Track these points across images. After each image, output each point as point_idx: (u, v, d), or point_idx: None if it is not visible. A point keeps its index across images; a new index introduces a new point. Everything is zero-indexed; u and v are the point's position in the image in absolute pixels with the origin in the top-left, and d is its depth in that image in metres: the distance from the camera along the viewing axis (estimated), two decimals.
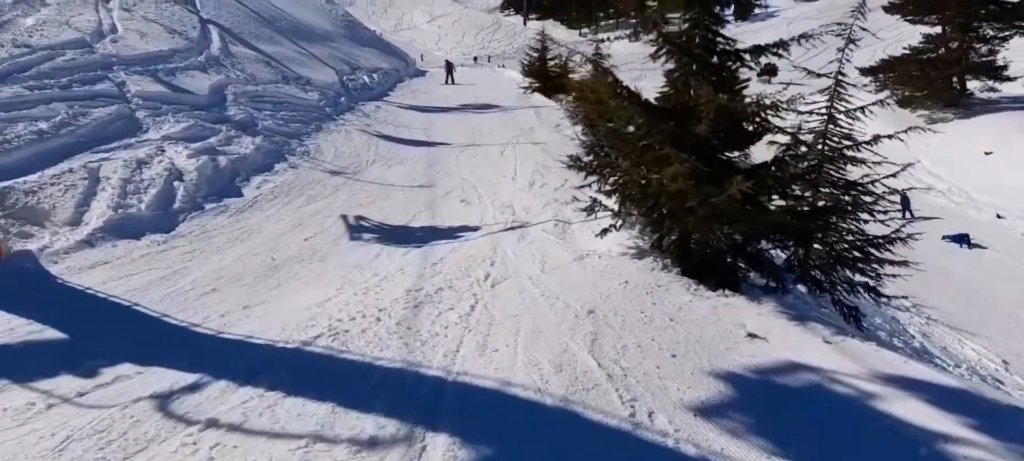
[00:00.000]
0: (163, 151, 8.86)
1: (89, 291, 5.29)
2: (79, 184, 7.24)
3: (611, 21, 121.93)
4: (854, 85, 7.29)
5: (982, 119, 36.15)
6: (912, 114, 41.47)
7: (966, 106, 37.88)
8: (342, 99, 18.19)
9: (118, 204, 7.01)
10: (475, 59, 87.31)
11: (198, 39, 15.84)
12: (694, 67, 5.91)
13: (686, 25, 5.99)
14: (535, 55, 25.99)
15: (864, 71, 43.62)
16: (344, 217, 8.16)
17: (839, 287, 6.37)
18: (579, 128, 14.43)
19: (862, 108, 6.50)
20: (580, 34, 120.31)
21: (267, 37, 20.76)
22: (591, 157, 7.07)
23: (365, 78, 24.41)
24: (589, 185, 7.14)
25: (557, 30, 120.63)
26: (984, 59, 37.09)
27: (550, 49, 25.95)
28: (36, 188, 6.89)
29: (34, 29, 11.56)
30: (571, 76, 20.14)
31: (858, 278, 6.46)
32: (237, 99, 13.00)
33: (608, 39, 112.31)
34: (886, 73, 40.79)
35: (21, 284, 5.33)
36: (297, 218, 7.93)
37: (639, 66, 27.98)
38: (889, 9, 44.14)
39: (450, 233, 7.62)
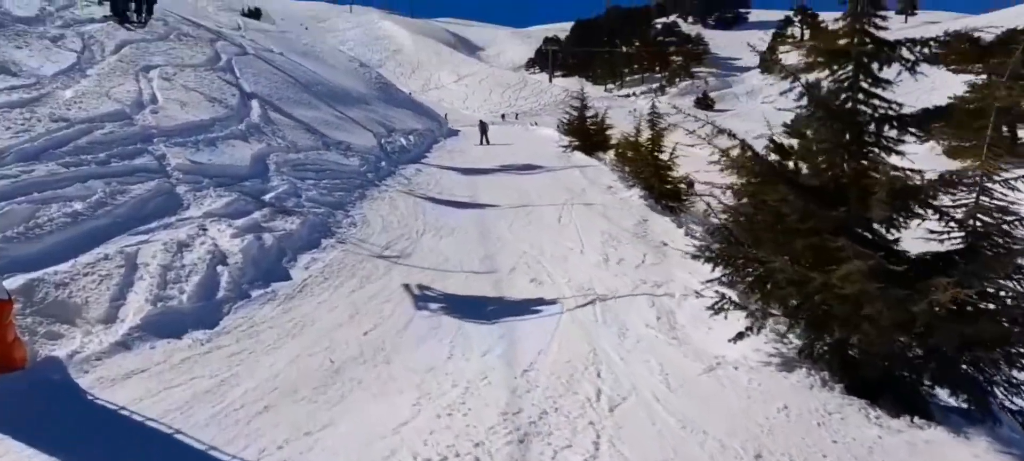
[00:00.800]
0: (205, 230, 8.17)
1: (124, 411, 4.49)
2: (115, 273, 6.53)
3: (636, 76, 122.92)
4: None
5: None
6: (960, 165, 40.22)
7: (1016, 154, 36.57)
8: (383, 163, 17.63)
9: (157, 296, 6.27)
10: (503, 116, 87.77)
11: (238, 107, 15.43)
12: (847, 137, 5.03)
13: (832, 82, 5.14)
14: (573, 113, 25.35)
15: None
16: (407, 286, 7.43)
17: None
18: (636, 191, 13.60)
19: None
20: (606, 90, 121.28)
21: (305, 102, 20.41)
22: (718, 244, 6.04)
23: (402, 140, 23.97)
24: (718, 279, 6.09)
25: (583, 87, 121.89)
26: None
27: (589, 106, 25.26)
28: (68, 279, 6.19)
29: (73, 101, 11.11)
30: (627, 138, 19.34)
31: None
32: (279, 168, 12.41)
33: (635, 95, 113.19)
34: (931, 123, 39.46)
35: (47, 402, 4.56)
36: (352, 305, 7.13)
37: (667, 119, 27.77)
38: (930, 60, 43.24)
39: (528, 324, 6.73)
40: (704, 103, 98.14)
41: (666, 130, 14.40)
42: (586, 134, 24.35)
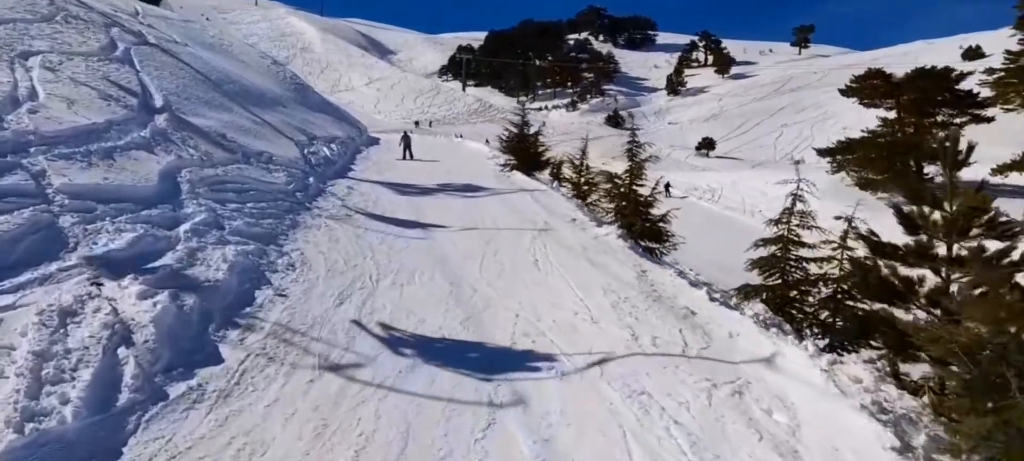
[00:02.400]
0: (100, 286, 5.96)
1: None
2: None
3: (548, 90, 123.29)
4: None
5: None
6: (873, 196, 41.38)
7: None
8: (310, 179, 15.41)
9: (27, 411, 4.12)
10: (417, 124, 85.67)
11: (139, 107, 12.89)
12: None
13: None
14: (514, 130, 23.77)
15: (821, 152, 43.55)
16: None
17: None
18: (613, 229, 12.04)
19: None
20: (518, 101, 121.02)
21: (217, 104, 17.85)
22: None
23: (325, 150, 21.69)
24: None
25: (495, 97, 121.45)
26: (944, 145, 37.02)
27: (530, 125, 23.72)
28: None
29: None
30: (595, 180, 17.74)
31: None
32: (194, 188, 10.11)
33: (546, 108, 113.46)
34: (844, 154, 40.62)
35: None
36: (314, 408, 5.14)
37: (579, 135, 26.44)
38: (846, 92, 44.45)
39: None
40: (614, 121, 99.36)
41: (648, 161, 12.92)
42: (525, 153, 22.78)
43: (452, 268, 9.73)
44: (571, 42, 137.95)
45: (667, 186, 40.73)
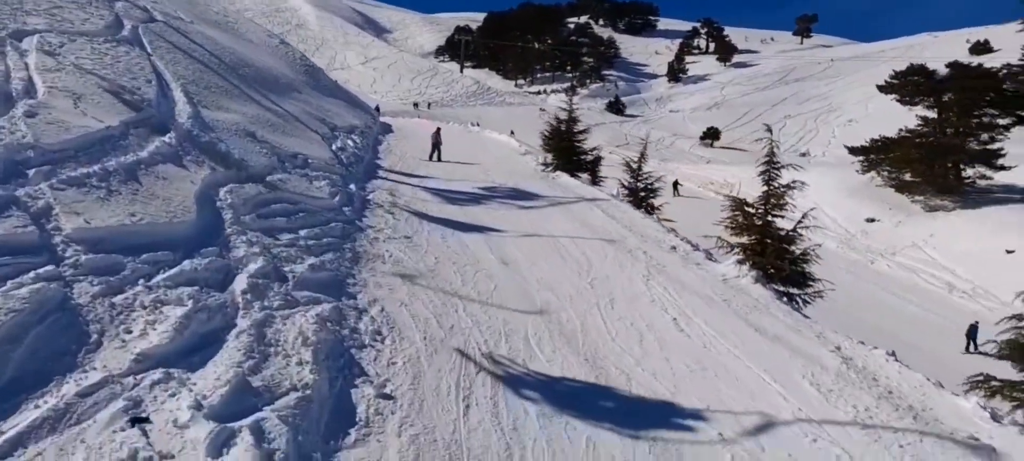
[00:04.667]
0: (145, 427, 3.77)
1: None
2: None
3: (547, 74, 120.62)
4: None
5: (989, 211, 33.93)
6: (908, 199, 39.43)
7: (963, 194, 35.89)
8: (351, 186, 13.18)
9: None
10: (416, 105, 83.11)
11: (157, 101, 10.56)
12: None
13: None
14: (558, 126, 21.50)
15: (853, 150, 41.47)
16: None
17: None
18: (743, 270, 9.83)
19: None
20: (516, 85, 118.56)
21: (237, 93, 15.49)
22: None
23: (350, 143, 19.41)
24: None
25: (493, 79, 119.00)
26: (986, 147, 35.24)
27: (579, 122, 21.42)
28: None
29: None
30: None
31: None
32: (237, 214, 7.87)
33: (545, 92, 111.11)
34: (878, 154, 38.55)
35: None
36: None
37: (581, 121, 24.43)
38: (884, 88, 42.35)
39: None
40: (615, 107, 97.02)
41: (790, 189, 10.56)
42: (569, 152, 20.56)
43: (572, 330, 7.56)
44: (571, 26, 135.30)
45: (675, 184, 38.37)
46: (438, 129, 24.27)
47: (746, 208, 10.81)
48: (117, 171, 7.00)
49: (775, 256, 9.91)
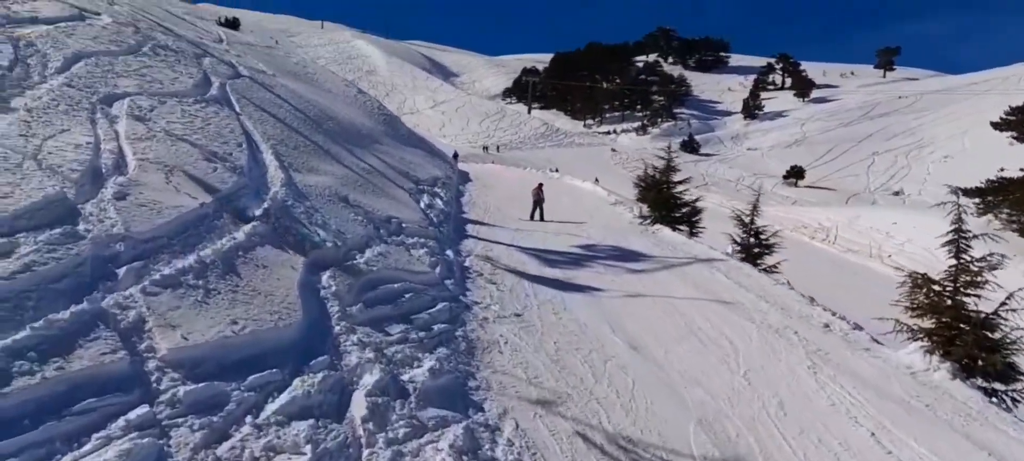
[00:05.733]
0: None
1: None
2: None
3: (616, 113, 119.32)
4: None
5: None
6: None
7: None
8: (448, 253, 12.20)
9: None
10: (485, 149, 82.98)
11: (248, 167, 9.81)
12: None
13: None
14: (654, 173, 20.16)
15: (968, 192, 38.41)
16: None
17: None
18: (932, 362, 8.20)
19: None
20: (585, 125, 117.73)
21: (324, 150, 14.83)
22: None
23: (437, 199, 18.55)
24: None
25: (561, 120, 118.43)
26: None
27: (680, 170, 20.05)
28: None
29: None
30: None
31: None
32: (343, 307, 6.88)
33: (615, 132, 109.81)
34: (996, 194, 35.60)
35: None
36: None
37: (653, 162, 22.61)
38: (998, 126, 39.51)
39: None
40: (690, 146, 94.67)
41: (989, 265, 8.91)
42: (669, 204, 19.17)
43: (747, 450, 6.21)
44: (639, 64, 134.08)
45: None
46: (540, 185, 22.23)
47: (932, 286, 9.18)
48: (214, 263, 6.10)
49: (974, 344, 8.28)
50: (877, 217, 42.99)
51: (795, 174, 74.06)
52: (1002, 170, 47.01)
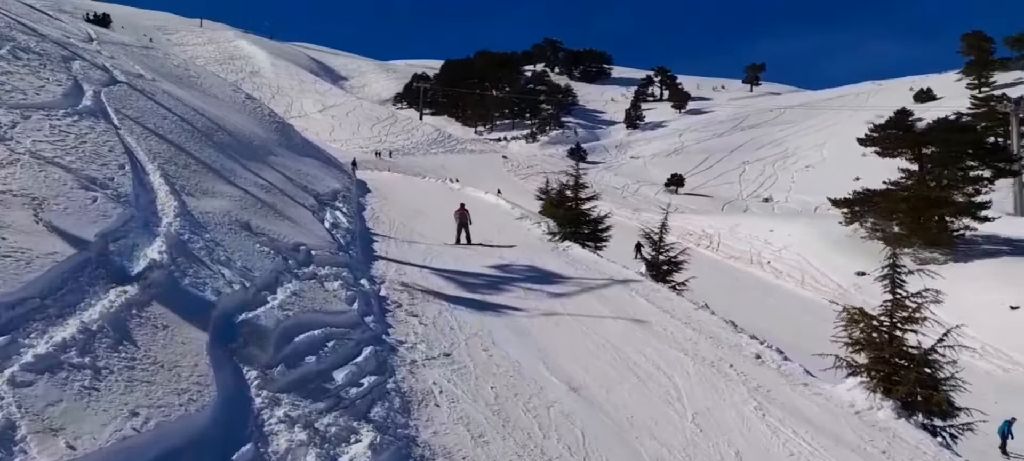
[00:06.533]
0: None
1: None
2: None
3: (506, 121, 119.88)
4: None
5: (982, 264, 33.41)
6: (898, 251, 38.57)
7: (953, 246, 35.36)
8: (363, 282, 11.23)
9: None
10: (378, 154, 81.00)
11: (134, 195, 8.46)
12: None
13: None
14: (561, 189, 19.78)
15: (836, 202, 40.88)
16: None
17: None
18: (873, 401, 8.05)
19: None
20: (476, 132, 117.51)
21: (218, 167, 13.39)
22: None
23: (340, 216, 17.42)
24: None
25: (453, 126, 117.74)
26: (971, 199, 34.96)
27: (588, 186, 19.75)
28: None
29: None
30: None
31: None
32: (261, 368, 5.85)
33: (505, 139, 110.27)
34: (862, 205, 37.96)
35: None
36: None
37: (545, 169, 22.55)
38: (864, 142, 42.16)
39: None
40: (577, 154, 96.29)
41: (925, 301, 8.90)
42: (579, 221, 18.85)
43: None
44: (528, 73, 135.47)
45: (637, 247, 34.34)
46: (463, 205, 20.46)
47: (870, 321, 9.13)
48: (102, 329, 4.94)
49: (916, 382, 8.23)
50: (755, 225, 44.95)
51: (675, 182, 76.94)
52: (857, 179, 50.65)
